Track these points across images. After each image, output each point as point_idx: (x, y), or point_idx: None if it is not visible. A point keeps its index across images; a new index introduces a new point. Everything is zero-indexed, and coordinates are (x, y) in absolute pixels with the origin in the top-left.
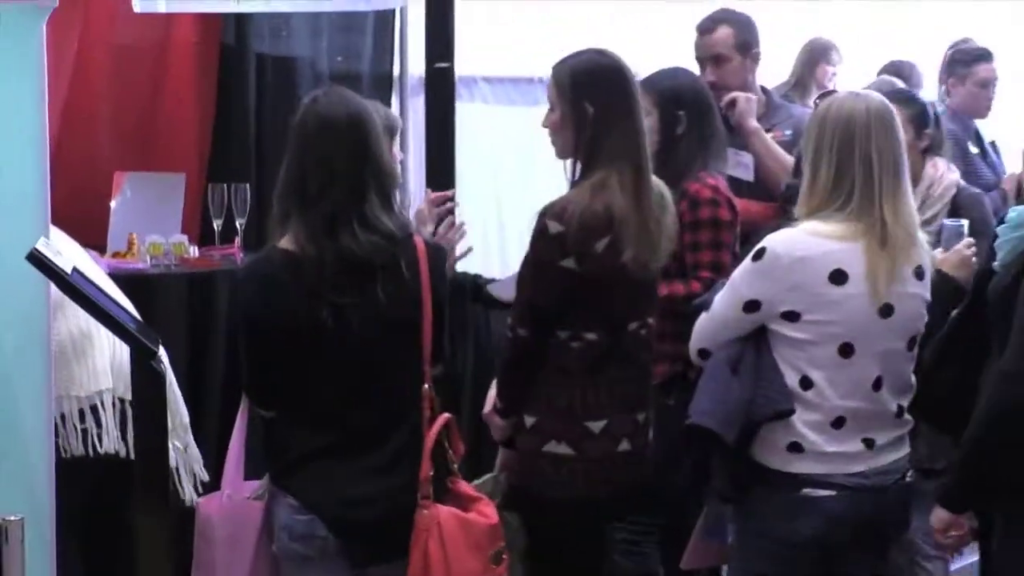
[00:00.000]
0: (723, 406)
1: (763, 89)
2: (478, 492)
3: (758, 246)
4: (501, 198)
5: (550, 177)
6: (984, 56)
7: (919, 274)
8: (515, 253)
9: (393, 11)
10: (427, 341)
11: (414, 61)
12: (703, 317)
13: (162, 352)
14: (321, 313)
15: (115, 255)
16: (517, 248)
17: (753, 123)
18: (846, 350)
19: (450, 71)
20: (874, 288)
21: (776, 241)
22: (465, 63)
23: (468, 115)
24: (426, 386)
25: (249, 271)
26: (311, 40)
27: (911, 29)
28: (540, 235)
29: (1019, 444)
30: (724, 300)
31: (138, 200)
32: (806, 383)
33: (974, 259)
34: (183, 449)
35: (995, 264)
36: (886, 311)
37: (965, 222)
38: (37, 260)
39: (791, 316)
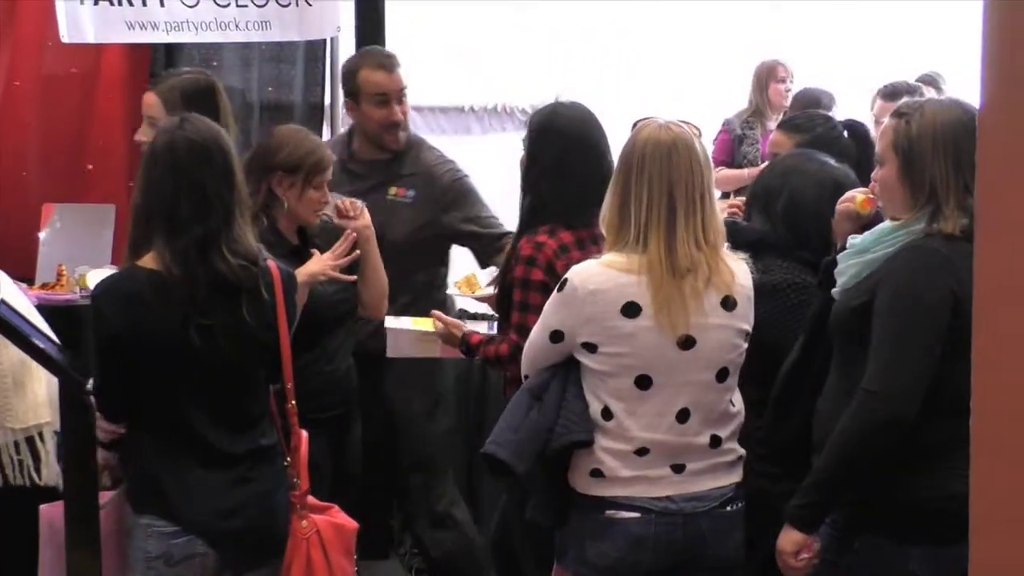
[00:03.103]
0: (515, 435)
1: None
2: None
3: (564, 276)
4: None
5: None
6: (916, 90)
7: (727, 304)
8: None
9: (323, 41)
10: (287, 359)
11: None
12: (525, 344)
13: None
14: (189, 332)
15: (44, 286)
16: None
17: None
18: (643, 382)
19: None
20: (668, 320)
21: (575, 272)
22: None
23: None
24: (292, 403)
25: (110, 289)
26: (242, 71)
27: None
28: None
29: (878, 463)
30: (536, 328)
31: (67, 231)
32: (607, 413)
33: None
34: None
35: (834, 290)
36: (686, 343)
37: None
38: None
39: (590, 347)
